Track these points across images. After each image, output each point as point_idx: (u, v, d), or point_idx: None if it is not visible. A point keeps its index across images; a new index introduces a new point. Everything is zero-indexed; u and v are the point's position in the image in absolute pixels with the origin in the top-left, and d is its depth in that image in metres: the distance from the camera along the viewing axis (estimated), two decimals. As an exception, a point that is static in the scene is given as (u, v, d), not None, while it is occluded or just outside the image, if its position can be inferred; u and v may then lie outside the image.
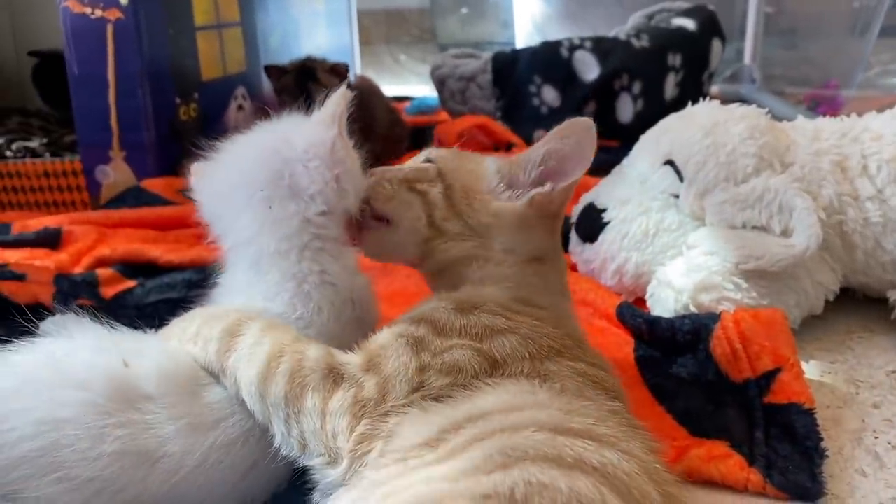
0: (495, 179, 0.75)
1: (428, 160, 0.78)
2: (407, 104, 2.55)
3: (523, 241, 0.73)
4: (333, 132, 0.73)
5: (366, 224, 0.77)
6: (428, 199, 0.74)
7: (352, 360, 0.64)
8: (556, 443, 0.51)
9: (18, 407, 0.59)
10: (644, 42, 2.11)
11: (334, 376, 0.62)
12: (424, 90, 2.80)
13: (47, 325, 1.02)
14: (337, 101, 0.75)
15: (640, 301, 1.10)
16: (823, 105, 2.27)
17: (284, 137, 0.74)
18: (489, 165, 0.76)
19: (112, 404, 0.60)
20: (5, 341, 1.08)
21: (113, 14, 1.47)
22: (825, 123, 1.13)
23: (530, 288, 0.72)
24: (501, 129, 1.96)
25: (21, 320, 1.07)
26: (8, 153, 1.63)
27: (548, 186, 0.73)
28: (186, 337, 0.69)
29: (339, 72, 1.75)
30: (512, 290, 0.70)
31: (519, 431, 0.52)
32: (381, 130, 1.88)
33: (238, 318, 0.68)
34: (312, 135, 0.73)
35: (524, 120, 2.07)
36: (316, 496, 0.62)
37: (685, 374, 0.90)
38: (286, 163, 0.72)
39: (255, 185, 0.72)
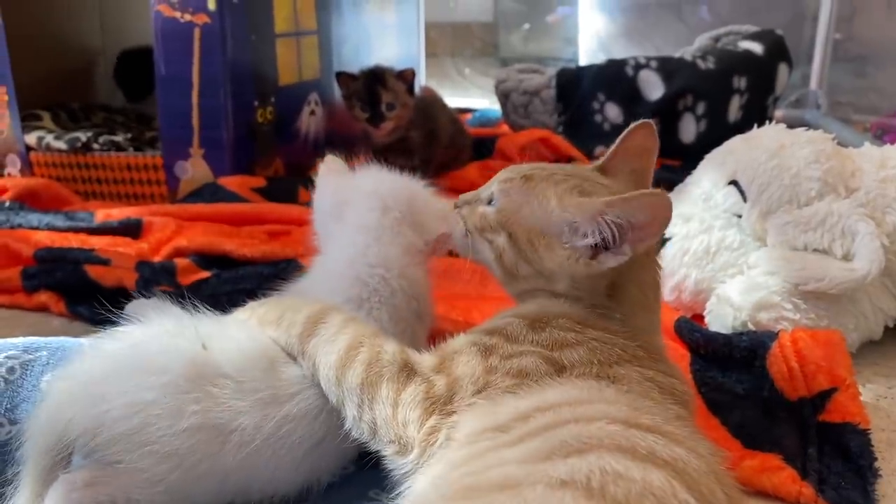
0: (559, 224, 0.70)
1: (492, 197, 0.77)
2: (469, 116, 2.59)
3: (593, 282, 0.71)
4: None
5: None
6: (496, 247, 0.75)
7: (425, 361, 0.67)
8: (629, 434, 0.53)
9: (112, 391, 0.65)
10: (710, 64, 2.11)
11: (408, 371, 0.66)
12: (486, 103, 2.85)
13: (132, 307, 1.10)
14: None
15: (697, 317, 1.12)
16: (891, 133, 2.24)
17: (426, 195, 0.93)
18: (553, 208, 0.71)
19: (189, 383, 0.66)
20: (92, 321, 1.15)
21: (201, 19, 1.55)
22: (892, 151, 1.13)
23: (605, 304, 0.71)
24: (563, 143, 1.99)
25: (105, 302, 1.16)
26: (95, 146, 1.72)
27: (625, 250, 0.67)
28: (269, 319, 0.74)
29: (405, 77, 1.79)
30: (585, 305, 0.70)
31: (591, 422, 0.54)
32: (444, 140, 1.93)
33: (323, 307, 0.73)
34: (439, 209, 0.91)
35: (586, 135, 2.09)
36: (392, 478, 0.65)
37: (740, 389, 0.91)
38: (418, 213, 0.90)
39: (395, 204, 0.89)
